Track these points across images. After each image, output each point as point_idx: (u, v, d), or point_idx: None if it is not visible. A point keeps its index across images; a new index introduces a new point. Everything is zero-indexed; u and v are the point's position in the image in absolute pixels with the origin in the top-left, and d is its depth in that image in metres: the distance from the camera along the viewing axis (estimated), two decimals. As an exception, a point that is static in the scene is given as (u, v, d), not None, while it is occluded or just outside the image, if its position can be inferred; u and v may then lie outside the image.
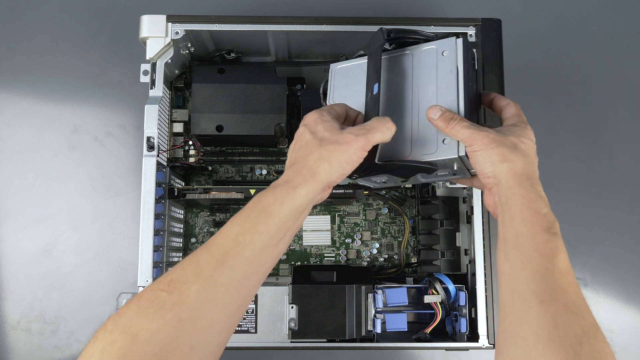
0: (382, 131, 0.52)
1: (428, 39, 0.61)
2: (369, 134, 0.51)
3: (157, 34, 0.69)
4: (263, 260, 0.47)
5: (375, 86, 0.57)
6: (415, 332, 0.68)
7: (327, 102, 0.62)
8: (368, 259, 0.80)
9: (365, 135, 0.51)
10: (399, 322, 0.66)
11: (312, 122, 0.53)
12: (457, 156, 0.55)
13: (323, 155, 0.50)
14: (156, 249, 0.66)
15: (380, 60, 0.58)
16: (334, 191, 0.71)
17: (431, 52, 0.61)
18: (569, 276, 0.45)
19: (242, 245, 0.46)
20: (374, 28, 0.71)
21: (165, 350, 0.40)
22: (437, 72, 0.59)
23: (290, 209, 0.48)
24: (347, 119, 0.57)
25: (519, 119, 0.56)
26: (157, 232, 0.66)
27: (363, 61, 0.62)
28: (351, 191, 0.71)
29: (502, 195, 0.50)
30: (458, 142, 0.54)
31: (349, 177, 0.57)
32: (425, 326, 0.68)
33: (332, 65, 0.64)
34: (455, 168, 0.57)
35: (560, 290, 0.44)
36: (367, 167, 0.54)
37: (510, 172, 0.50)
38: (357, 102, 0.59)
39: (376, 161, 0.53)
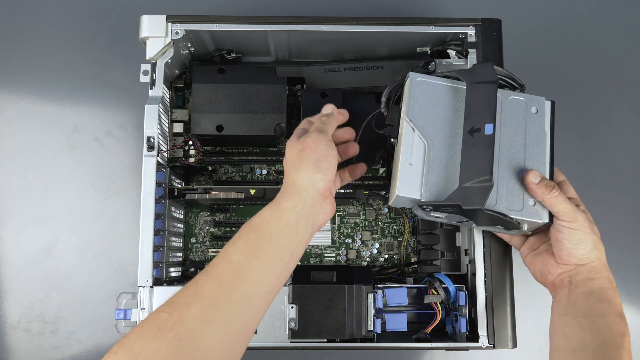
0: (323, 121, 0.57)
1: (517, 86, 0.62)
2: (320, 127, 0.55)
3: (157, 34, 0.69)
4: (261, 279, 0.48)
5: (489, 126, 0.55)
6: (415, 332, 0.68)
7: (405, 113, 0.59)
8: (368, 259, 0.80)
9: (316, 130, 0.55)
10: (399, 322, 0.66)
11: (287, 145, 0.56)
12: (542, 222, 0.58)
13: (296, 167, 0.52)
14: (156, 249, 0.66)
15: (496, 99, 0.56)
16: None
17: (520, 104, 0.61)
18: (630, 357, 0.52)
19: (235, 264, 0.47)
20: (374, 28, 0.71)
21: None
22: (525, 126, 0.60)
23: (278, 226, 0.49)
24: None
25: (581, 202, 0.60)
26: (157, 232, 0.66)
27: (447, 84, 0.60)
28: (351, 191, 0.72)
29: (580, 273, 0.56)
30: (543, 206, 0.57)
31: (421, 207, 0.57)
32: (425, 326, 0.68)
33: (411, 74, 0.61)
34: (525, 229, 0.59)
35: None
36: (457, 207, 0.54)
37: (599, 260, 0.56)
38: (439, 126, 0.59)
39: (483, 207, 0.53)
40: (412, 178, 0.57)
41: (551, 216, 0.58)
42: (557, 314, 0.56)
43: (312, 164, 0.52)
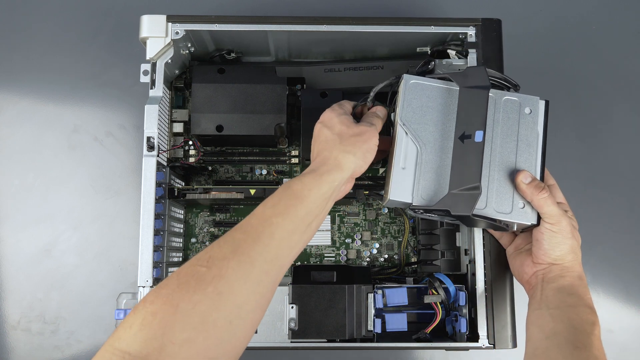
0: (377, 122, 0.59)
1: (511, 86, 0.62)
2: (373, 125, 0.58)
3: (157, 34, 0.69)
4: (292, 243, 0.50)
5: (479, 133, 0.55)
6: (415, 332, 0.68)
7: (397, 117, 0.60)
8: (368, 259, 0.80)
9: (372, 125, 0.58)
10: (399, 322, 0.66)
11: (327, 119, 0.58)
12: (530, 224, 0.59)
13: (346, 148, 0.55)
14: (156, 249, 0.66)
15: (487, 105, 0.57)
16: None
17: (514, 105, 0.61)
18: (601, 346, 0.53)
19: (274, 226, 0.49)
20: (374, 28, 0.71)
21: (205, 322, 0.42)
22: (518, 128, 0.60)
23: (317, 195, 0.52)
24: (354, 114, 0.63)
25: (568, 208, 0.61)
26: (157, 232, 0.66)
27: (441, 85, 0.61)
28: (351, 191, 0.71)
29: (553, 271, 0.58)
30: (531, 208, 0.58)
31: (412, 210, 0.59)
32: (425, 326, 0.68)
33: (405, 76, 0.61)
34: (515, 228, 0.61)
35: (593, 347, 0.52)
36: (447, 212, 0.56)
37: (575, 262, 0.58)
38: (432, 129, 0.59)
39: (471, 214, 0.55)
40: (405, 182, 0.59)
41: (539, 218, 0.59)
42: (532, 309, 0.58)
43: (362, 153, 0.55)
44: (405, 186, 0.59)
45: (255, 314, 0.46)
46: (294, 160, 0.80)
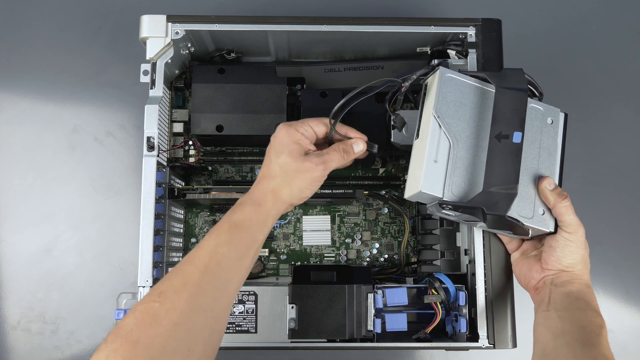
0: (337, 161, 0.59)
1: (537, 94, 0.63)
2: (327, 163, 0.58)
3: (157, 34, 0.69)
4: (239, 269, 0.53)
5: (517, 135, 0.55)
6: (415, 332, 0.68)
7: (433, 109, 0.58)
8: (368, 259, 0.80)
9: (323, 164, 0.58)
10: (399, 322, 0.66)
11: (278, 142, 0.58)
12: (548, 231, 0.59)
13: (285, 180, 0.56)
14: (156, 249, 0.66)
15: (526, 107, 0.57)
16: (334, 191, 0.71)
17: (537, 113, 0.61)
18: (609, 347, 0.54)
19: (220, 256, 0.52)
20: (374, 28, 0.71)
21: (165, 352, 0.45)
22: (541, 136, 0.61)
23: (258, 224, 0.55)
24: (319, 139, 0.62)
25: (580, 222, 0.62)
26: (157, 232, 0.66)
27: (475, 84, 0.60)
28: (351, 191, 0.72)
29: (561, 277, 0.59)
30: (550, 215, 0.59)
31: (439, 205, 0.58)
32: (425, 326, 0.68)
33: (442, 69, 0.60)
34: (530, 234, 0.61)
35: (602, 346, 0.53)
36: (480, 210, 0.55)
37: (584, 271, 0.60)
38: (464, 126, 0.59)
39: (506, 215, 0.55)
40: (436, 175, 0.57)
41: (556, 226, 0.59)
42: (539, 312, 0.59)
43: (299, 189, 0.57)
44: (436, 180, 0.57)
45: (212, 337, 0.50)
46: (294, 160, 0.80)
